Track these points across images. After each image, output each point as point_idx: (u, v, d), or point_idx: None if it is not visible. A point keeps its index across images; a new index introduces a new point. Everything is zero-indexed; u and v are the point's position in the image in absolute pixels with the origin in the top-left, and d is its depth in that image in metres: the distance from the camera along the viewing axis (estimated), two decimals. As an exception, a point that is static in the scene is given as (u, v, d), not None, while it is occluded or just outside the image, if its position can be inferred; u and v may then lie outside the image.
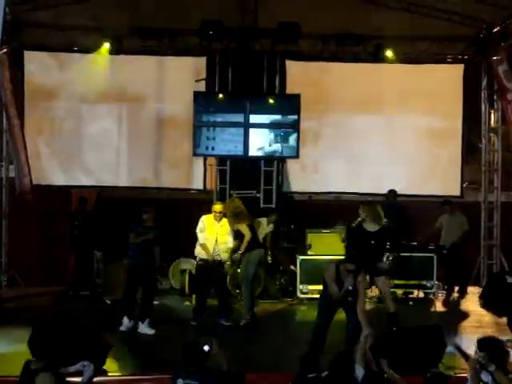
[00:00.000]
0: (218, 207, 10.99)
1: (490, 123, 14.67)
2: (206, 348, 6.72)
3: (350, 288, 8.45)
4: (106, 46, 13.64)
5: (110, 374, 7.49)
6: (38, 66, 14.02)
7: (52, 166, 14.15)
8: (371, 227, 9.94)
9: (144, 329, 10.16)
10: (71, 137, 14.15)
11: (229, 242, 10.89)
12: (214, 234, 10.79)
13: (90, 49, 13.83)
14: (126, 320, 10.17)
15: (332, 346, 8.31)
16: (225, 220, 10.91)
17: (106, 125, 14.17)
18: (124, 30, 13.70)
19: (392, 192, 13.41)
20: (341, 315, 8.94)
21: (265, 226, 12.39)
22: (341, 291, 8.50)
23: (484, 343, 6.32)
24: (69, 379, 6.53)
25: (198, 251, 10.91)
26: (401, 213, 13.20)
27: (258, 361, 8.69)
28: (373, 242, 9.83)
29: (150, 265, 10.38)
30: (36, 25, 13.68)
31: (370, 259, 9.57)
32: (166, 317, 11.09)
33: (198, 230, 10.92)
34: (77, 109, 14.10)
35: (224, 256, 10.88)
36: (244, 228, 10.84)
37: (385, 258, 9.98)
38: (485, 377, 6.10)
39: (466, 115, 14.34)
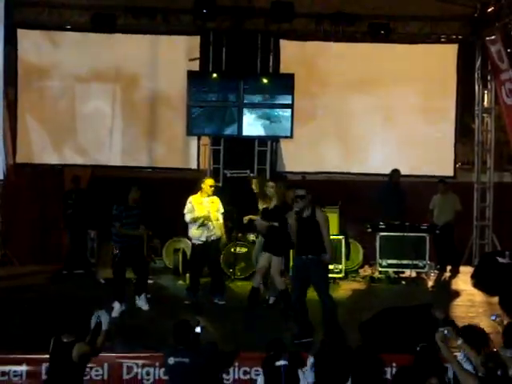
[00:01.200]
0: (212, 181, 11.01)
1: (483, 103, 14.69)
2: (198, 329, 6.81)
3: (297, 209, 8.70)
4: (100, 24, 13.57)
5: (103, 352, 7.51)
6: (31, 44, 13.97)
7: (45, 145, 14.13)
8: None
9: (140, 302, 10.20)
10: (65, 116, 14.11)
11: (220, 218, 10.90)
12: (206, 213, 10.78)
13: (83, 27, 13.77)
14: (117, 305, 10.06)
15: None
16: (214, 198, 10.90)
17: (99, 104, 14.13)
18: (118, 9, 13.63)
19: (396, 171, 13.40)
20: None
21: None
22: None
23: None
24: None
25: (193, 233, 10.87)
26: (403, 193, 13.26)
27: (248, 339, 8.74)
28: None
29: (136, 245, 10.32)
30: (29, 3, 13.63)
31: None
32: (159, 296, 11.12)
33: (186, 211, 10.82)
34: (70, 87, 14.06)
35: (218, 233, 10.88)
36: None
37: None
38: None
39: (460, 95, 14.36)
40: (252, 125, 13.57)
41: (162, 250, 13.34)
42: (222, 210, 11.01)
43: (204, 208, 10.79)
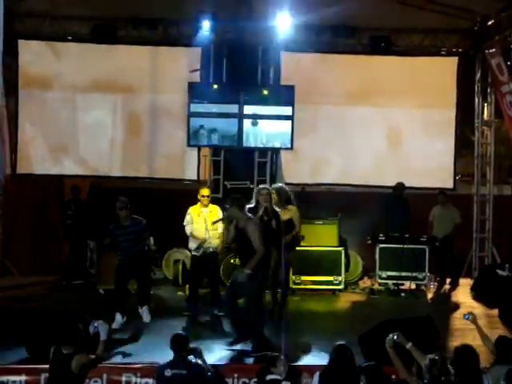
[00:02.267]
0: (206, 191, 11.02)
1: (483, 116, 14.73)
2: (191, 358, 6.81)
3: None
4: (101, 35, 13.62)
5: (102, 363, 7.49)
6: (32, 55, 13.98)
7: (46, 156, 14.13)
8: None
9: (143, 313, 10.18)
10: (65, 126, 14.12)
11: (219, 227, 10.76)
12: (203, 224, 10.77)
13: (84, 38, 13.82)
14: (118, 317, 10.03)
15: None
16: (213, 206, 10.90)
17: (100, 114, 14.15)
18: (119, 20, 13.69)
19: (400, 184, 13.42)
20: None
21: None
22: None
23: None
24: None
25: (192, 245, 10.91)
26: (407, 205, 13.27)
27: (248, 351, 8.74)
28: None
29: (140, 256, 10.16)
30: (31, 14, 13.66)
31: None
32: (159, 307, 11.11)
33: (185, 223, 10.89)
34: (71, 98, 14.08)
35: (216, 242, 10.84)
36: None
37: None
38: None
39: (460, 108, 14.39)
40: (252, 136, 13.59)
41: (161, 261, 13.34)
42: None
43: (202, 219, 10.77)
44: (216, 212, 10.91)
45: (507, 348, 6.66)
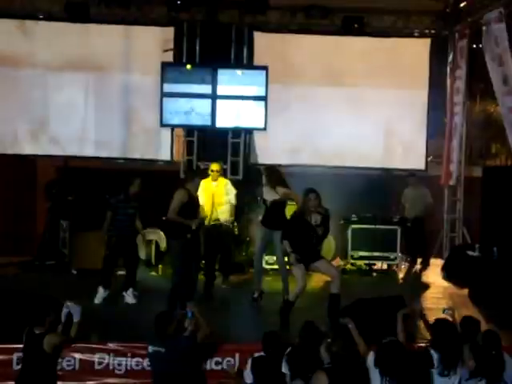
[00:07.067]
0: (215, 165, 10.89)
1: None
2: (189, 314, 6.89)
3: None
4: (73, 13, 13.50)
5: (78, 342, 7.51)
6: (3, 33, 13.81)
7: (18, 135, 14.02)
8: None
9: (127, 298, 10.24)
10: (37, 106, 14.00)
11: (228, 201, 10.69)
12: (210, 198, 10.57)
13: (56, 16, 13.68)
14: (101, 290, 10.17)
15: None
16: (222, 180, 10.68)
17: (72, 94, 14.04)
18: (91, -1, 13.57)
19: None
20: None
21: None
22: None
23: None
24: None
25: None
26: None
27: (223, 331, 8.78)
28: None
29: (132, 235, 10.37)
30: (0, -9, 13.51)
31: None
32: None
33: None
34: (43, 78, 13.95)
35: (222, 217, 10.63)
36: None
37: None
38: None
39: (432, 90, 14.47)
40: (225, 116, 13.57)
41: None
42: (235, 192, 10.86)
43: (209, 193, 10.57)
44: (222, 186, 10.70)
45: (472, 328, 6.77)
